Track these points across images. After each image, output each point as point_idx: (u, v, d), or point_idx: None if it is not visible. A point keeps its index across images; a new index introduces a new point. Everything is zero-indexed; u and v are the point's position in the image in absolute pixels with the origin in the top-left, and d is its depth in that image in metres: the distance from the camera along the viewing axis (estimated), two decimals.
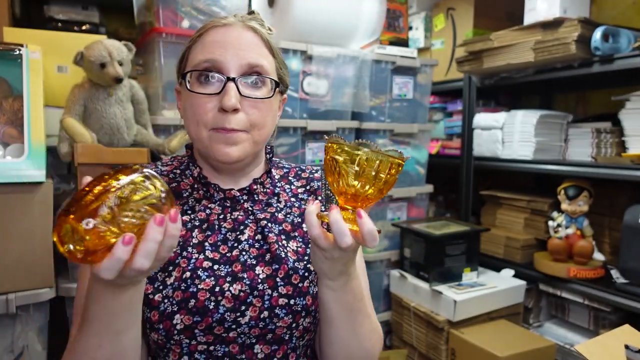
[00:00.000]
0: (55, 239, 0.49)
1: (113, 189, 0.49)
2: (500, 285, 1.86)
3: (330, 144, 0.61)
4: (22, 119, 1.21)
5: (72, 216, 0.48)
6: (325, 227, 0.64)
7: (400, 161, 0.61)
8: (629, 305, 1.61)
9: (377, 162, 0.59)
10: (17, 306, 1.16)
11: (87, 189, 0.49)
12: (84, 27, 1.99)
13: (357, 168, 0.59)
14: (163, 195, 0.53)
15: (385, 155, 0.60)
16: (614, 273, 1.80)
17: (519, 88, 2.53)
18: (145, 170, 0.53)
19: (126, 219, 0.50)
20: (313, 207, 0.64)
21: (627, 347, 1.03)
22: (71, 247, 0.49)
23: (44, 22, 1.93)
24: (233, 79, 0.74)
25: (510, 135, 2.06)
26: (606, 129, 1.81)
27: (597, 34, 1.67)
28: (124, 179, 0.51)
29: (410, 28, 2.64)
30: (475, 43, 2.08)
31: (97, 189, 0.49)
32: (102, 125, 1.36)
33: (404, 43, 2.15)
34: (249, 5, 1.83)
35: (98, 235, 0.49)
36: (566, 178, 1.92)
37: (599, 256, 1.89)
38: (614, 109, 1.80)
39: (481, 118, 2.19)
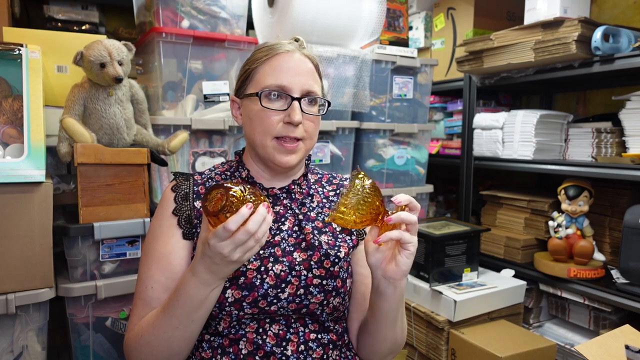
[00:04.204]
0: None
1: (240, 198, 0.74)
2: (501, 285, 1.86)
3: (336, 223, 0.79)
4: (21, 119, 1.21)
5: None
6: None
7: (359, 178, 0.79)
8: (629, 306, 1.61)
9: (356, 203, 0.78)
10: (16, 306, 1.16)
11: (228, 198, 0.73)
12: (83, 27, 1.99)
13: (354, 217, 0.78)
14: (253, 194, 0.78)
15: (352, 191, 0.78)
16: (615, 273, 1.80)
17: (519, 88, 2.53)
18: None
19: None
20: (369, 237, 0.83)
21: (627, 347, 1.03)
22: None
23: (43, 22, 1.93)
24: (298, 99, 0.91)
25: (510, 135, 2.06)
26: (606, 128, 1.81)
27: (598, 34, 1.67)
28: (240, 192, 0.74)
29: (410, 28, 2.64)
30: (475, 43, 2.08)
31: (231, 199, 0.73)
32: (101, 125, 1.36)
33: (404, 43, 2.15)
34: (249, 5, 1.83)
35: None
36: (566, 178, 1.91)
37: (599, 256, 1.89)
38: (615, 108, 1.80)
39: (481, 118, 2.19)
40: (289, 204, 0.98)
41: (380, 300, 0.87)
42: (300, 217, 0.96)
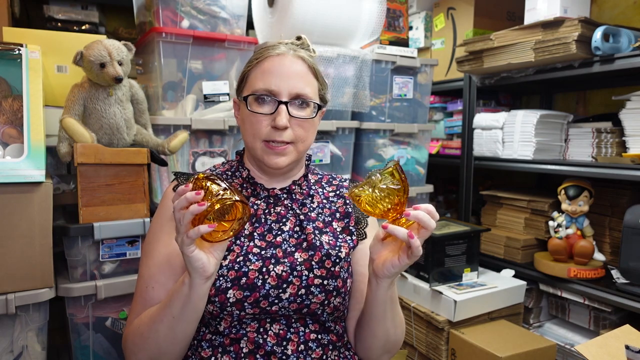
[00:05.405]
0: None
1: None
2: (501, 285, 1.86)
3: (349, 196, 0.82)
4: (21, 119, 1.21)
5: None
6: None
7: (393, 169, 0.79)
8: (630, 306, 1.61)
9: (381, 193, 0.78)
10: (16, 306, 1.16)
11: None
12: (83, 27, 1.99)
13: (377, 196, 0.79)
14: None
15: (384, 177, 0.79)
16: (615, 273, 1.80)
17: (519, 88, 2.53)
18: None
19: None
20: (378, 234, 0.84)
21: (627, 347, 1.03)
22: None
23: (43, 22, 1.93)
24: (285, 103, 0.91)
25: (510, 135, 2.06)
26: (607, 128, 1.81)
27: (598, 34, 1.67)
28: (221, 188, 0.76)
29: (411, 28, 2.64)
30: (475, 43, 2.08)
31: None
32: (101, 125, 1.35)
33: (404, 43, 2.15)
34: (249, 5, 1.83)
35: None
36: (566, 178, 1.91)
37: (599, 256, 1.89)
38: (615, 108, 1.80)
39: (481, 118, 2.19)
40: (289, 205, 0.99)
41: (368, 290, 0.90)
42: (302, 217, 0.97)
